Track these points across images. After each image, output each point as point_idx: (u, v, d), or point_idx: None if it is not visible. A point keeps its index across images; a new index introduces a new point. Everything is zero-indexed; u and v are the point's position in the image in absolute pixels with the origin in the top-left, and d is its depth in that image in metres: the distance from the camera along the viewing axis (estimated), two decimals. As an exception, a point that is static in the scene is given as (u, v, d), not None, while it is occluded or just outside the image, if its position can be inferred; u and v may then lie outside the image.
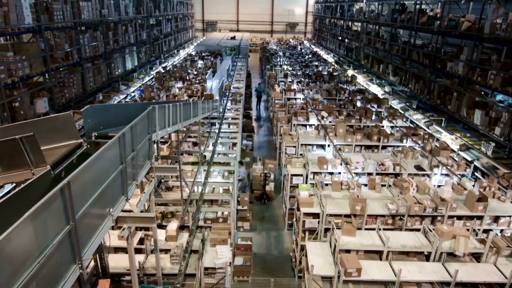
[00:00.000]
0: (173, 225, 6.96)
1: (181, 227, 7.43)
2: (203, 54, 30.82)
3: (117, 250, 6.84)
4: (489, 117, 12.03)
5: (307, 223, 8.03)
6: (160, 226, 7.55)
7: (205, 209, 7.89)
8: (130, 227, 3.90)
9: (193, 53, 32.64)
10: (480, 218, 7.94)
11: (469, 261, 6.82)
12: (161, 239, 6.79)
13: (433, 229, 7.03)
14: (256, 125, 19.96)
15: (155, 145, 5.72)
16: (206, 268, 6.36)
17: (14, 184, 4.51)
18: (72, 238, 2.75)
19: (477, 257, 6.93)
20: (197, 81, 19.59)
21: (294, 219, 8.99)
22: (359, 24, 26.60)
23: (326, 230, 7.83)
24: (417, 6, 16.95)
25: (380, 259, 6.87)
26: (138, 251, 6.71)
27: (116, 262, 6.42)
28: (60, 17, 13.41)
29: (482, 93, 13.66)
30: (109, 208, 3.56)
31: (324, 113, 13.95)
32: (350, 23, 29.92)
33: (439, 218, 7.86)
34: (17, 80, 10.76)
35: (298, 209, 8.29)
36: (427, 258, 6.94)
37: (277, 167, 13.80)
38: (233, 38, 39.44)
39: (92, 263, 5.92)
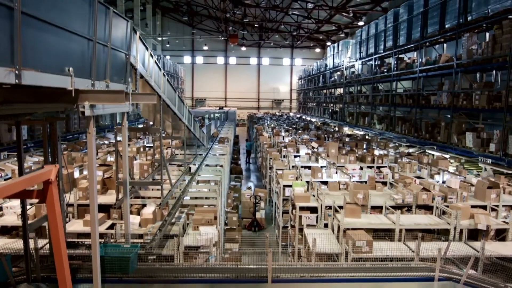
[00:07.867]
0: (149, 209, 6.00)
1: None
2: (191, 118, 31.34)
3: (80, 235, 5.73)
4: (481, 138, 11.87)
5: (303, 220, 7.07)
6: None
7: (189, 201, 6.92)
8: (92, 106, 3.16)
9: (182, 119, 33.21)
10: (494, 210, 7.17)
11: (494, 241, 5.90)
12: (135, 222, 5.76)
13: (447, 209, 6.23)
14: (245, 175, 19.29)
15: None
16: (186, 248, 5.26)
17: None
18: (14, 29, 2.15)
19: (500, 239, 6.03)
20: (185, 131, 19.43)
21: (289, 225, 7.98)
22: (341, 88, 27.96)
23: (326, 226, 6.88)
24: (395, 56, 18.02)
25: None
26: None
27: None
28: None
29: (470, 121, 13.73)
30: (68, 67, 2.92)
31: (314, 144, 13.61)
32: (333, 90, 31.44)
33: (450, 209, 7.06)
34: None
35: (294, 208, 7.40)
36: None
37: (267, 200, 12.88)
38: (221, 108, 40.73)
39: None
